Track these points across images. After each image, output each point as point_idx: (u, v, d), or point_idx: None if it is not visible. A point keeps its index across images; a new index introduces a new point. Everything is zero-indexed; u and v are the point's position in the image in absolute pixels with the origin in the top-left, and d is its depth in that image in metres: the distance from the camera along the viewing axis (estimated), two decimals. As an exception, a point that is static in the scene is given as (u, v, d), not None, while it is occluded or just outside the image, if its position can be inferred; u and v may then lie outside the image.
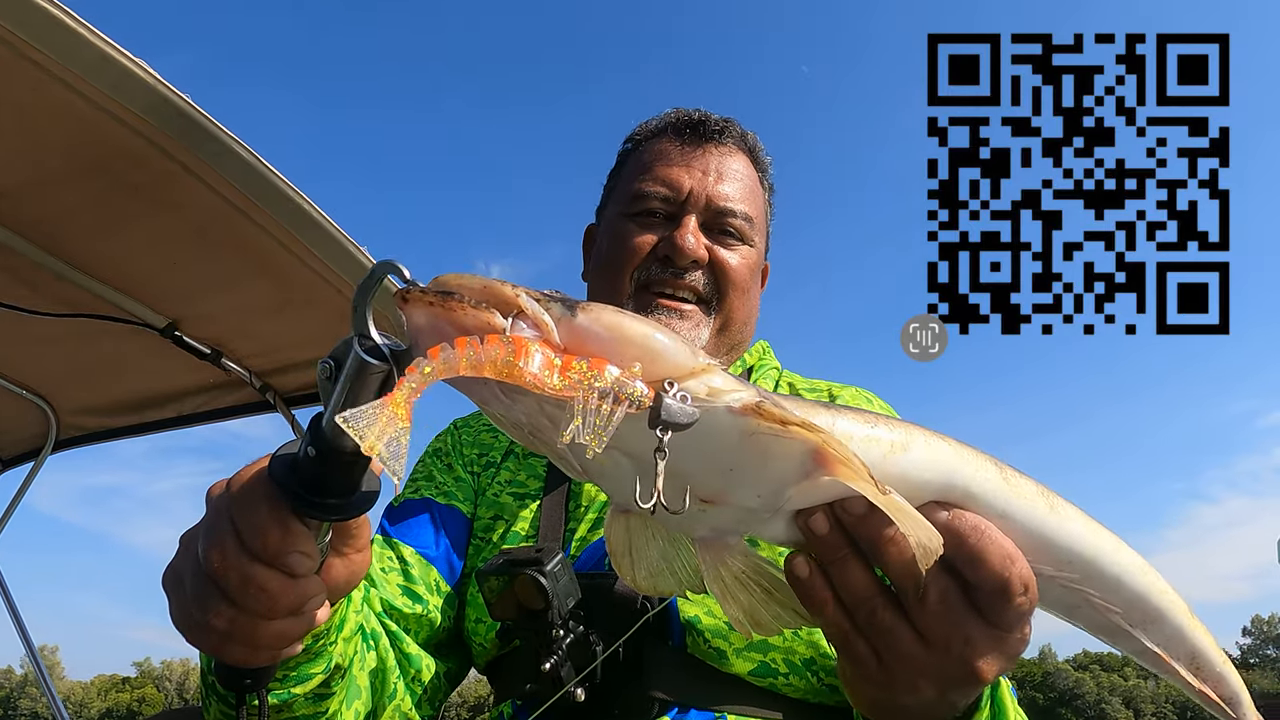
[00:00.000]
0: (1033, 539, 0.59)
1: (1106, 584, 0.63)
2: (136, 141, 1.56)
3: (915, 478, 0.57)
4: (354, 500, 0.56)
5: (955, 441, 0.60)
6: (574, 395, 0.46)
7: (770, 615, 0.61)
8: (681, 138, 1.24)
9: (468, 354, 0.45)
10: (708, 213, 1.19)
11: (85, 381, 2.70)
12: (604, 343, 0.49)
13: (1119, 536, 0.65)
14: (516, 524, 1.13)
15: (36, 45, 1.33)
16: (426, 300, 0.48)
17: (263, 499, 0.55)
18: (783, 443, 0.52)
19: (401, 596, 1.05)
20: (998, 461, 0.61)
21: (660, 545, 0.64)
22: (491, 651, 1.08)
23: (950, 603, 0.57)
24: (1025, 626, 0.59)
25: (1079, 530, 0.62)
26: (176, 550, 0.61)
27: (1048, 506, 0.61)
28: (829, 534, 0.56)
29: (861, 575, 0.57)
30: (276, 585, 0.55)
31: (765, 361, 1.31)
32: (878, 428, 0.57)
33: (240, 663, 0.60)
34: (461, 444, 1.27)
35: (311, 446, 0.53)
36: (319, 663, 0.78)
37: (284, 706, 0.78)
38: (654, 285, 1.17)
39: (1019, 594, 0.56)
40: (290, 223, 1.82)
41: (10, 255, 1.92)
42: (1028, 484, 0.61)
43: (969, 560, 0.56)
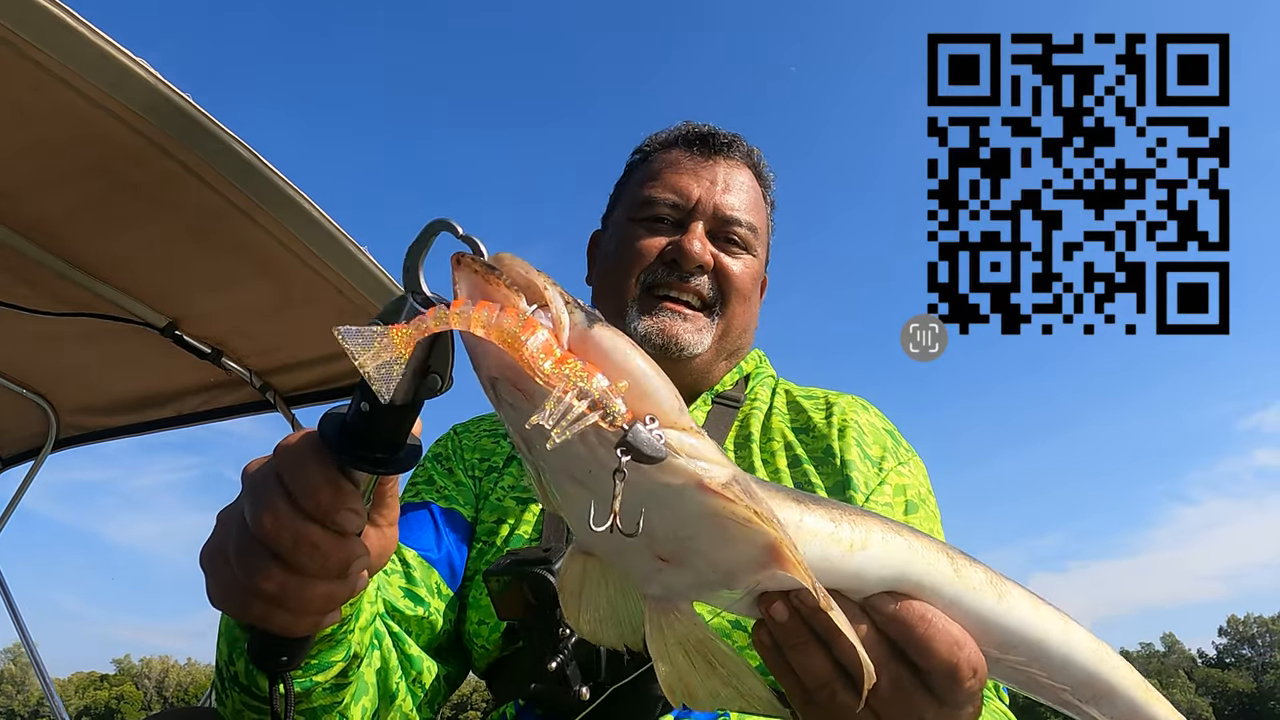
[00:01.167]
0: (980, 625, 0.63)
1: (1054, 665, 0.67)
2: (136, 140, 1.56)
3: (871, 573, 0.60)
4: (401, 456, 0.58)
5: (911, 534, 0.63)
6: (556, 384, 0.48)
7: (707, 690, 0.62)
8: (691, 149, 1.28)
9: (482, 315, 0.49)
10: (714, 221, 1.22)
11: (85, 381, 2.70)
12: (606, 361, 0.51)
13: (1069, 617, 0.68)
14: (520, 527, 1.14)
15: (36, 45, 1.33)
16: (473, 268, 0.52)
17: (312, 457, 0.57)
18: (744, 529, 0.54)
19: (404, 598, 1.06)
20: (950, 552, 0.64)
21: (610, 594, 0.65)
22: (494, 653, 1.09)
23: (903, 687, 0.60)
24: (977, 701, 0.62)
25: (1025, 615, 0.66)
26: (214, 529, 0.62)
27: (995, 595, 0.64)
28: (788, 621, 0.59)
29: (820, 660, 0.59)
30: (329, 543, 0.57)
31: (762, 369, 1.33)
32: (840, 526, 0.60)
33: (284, 630, 0.61)
34: (462, 449, 1.28)
35: (365, 402, 0.54)
36: (339, 650, 0.79)
37: (304, 696, 0.79)
38: (659, 288, 1.19)
39: (968, 677, 0.60)
40: (290, 222, 1.83)
41: (10, 255, 1.92)
42: (977, 573, 0.65)
43: (918, 648, 0.59)
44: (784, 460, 1.16)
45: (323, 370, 2.49)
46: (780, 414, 1.24)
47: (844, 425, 1.19)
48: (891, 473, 1.15)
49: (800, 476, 1.13)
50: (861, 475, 1.12)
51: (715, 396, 1.25)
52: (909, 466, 1.19)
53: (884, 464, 1.16)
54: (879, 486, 1.13)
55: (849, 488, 1.10)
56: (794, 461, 1.16)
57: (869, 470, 1.14)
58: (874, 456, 1.17)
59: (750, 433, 1.20)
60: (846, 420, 1.20)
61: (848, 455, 1.14)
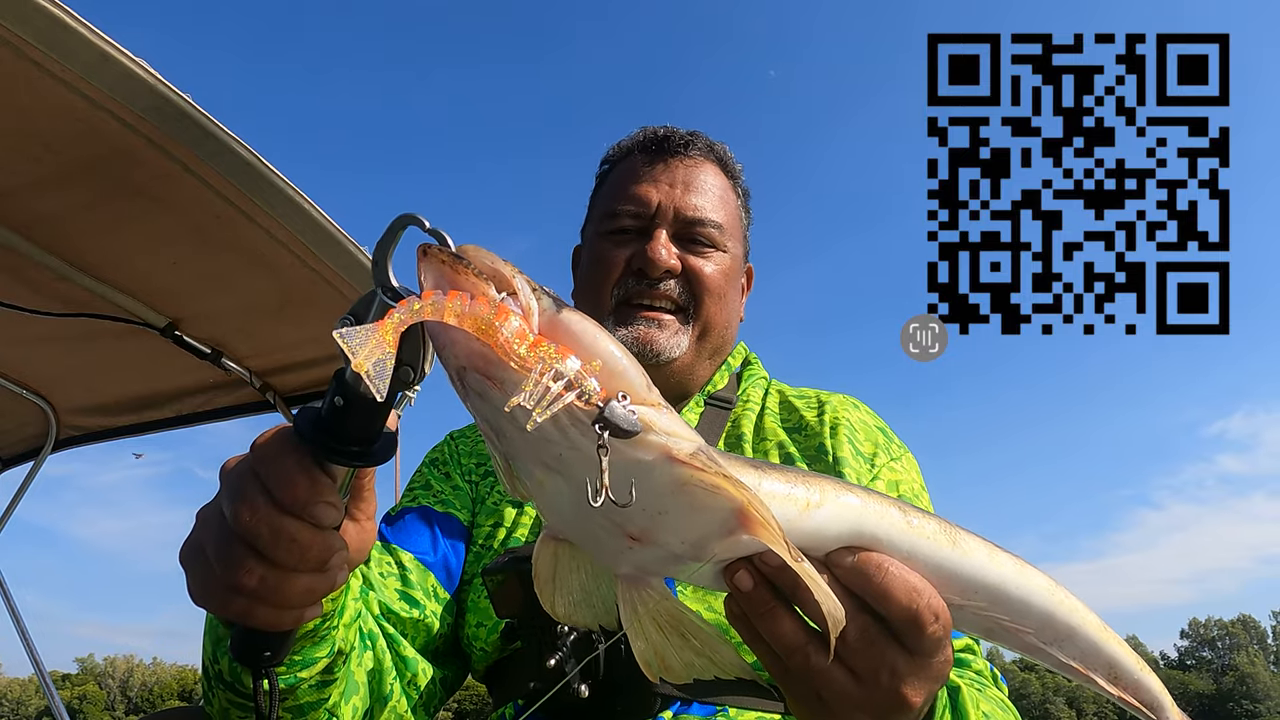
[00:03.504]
0: (938, 573, 0.64)
1: (1014, 608, 0.68)
2: (136, 141, 1.56)
3: (828, 530, 0.62)
4: (376, 449, 0.58)
5: (864, 492, 0.65)
6: (533, 367, 0.49)
7: (681, 661, 0.64)
8: (649, 154, 1.28)
9: (455, 304, 0.50)
10: (677, 224, 1.22)
11: (85, 381, 2.70)
12: (576, 344, 0.52)
13: (1024, 561, 0.70)
14: (517, 531, 1.15)
15: (37, 45, 1.33)
16: (440, 259, 0.53)
17: (289, 452, 0.57)
18: (712, 496, 0.55)
19: (399, 601, 1.06)
20: (903, 506, 0.66)
21: (582, 578, 0.67)
22: (493, 655, 1.09)
23: (871, 638, 0.61)
24: (946, 650, 0.63)
25: (982, 561, 0.67)
26: (194, 526, 0.63)
27: (949, 542, 0.66)
28: (754, 589, 0.60)
29: (790, 625, 0.60)
30: (306, 536, 0.57)
31: (753, 371, 1.33)
32: (796, 487, 0.62)
33: (267, 625, 0.61)
34: (459, 454, 1.28)
35: (339, 396, 0.55)
36: (323, 647, 0.79)
37: (290, 692, 0.80)
38: (633, 298, 1.20)
39: (930, 622, 0.60)
40: (290, 223, 1.83)
41: (10, 255, 1.92)
42: (930, 523, 0.66)
43: (877, 597, 0.60)
44: (777, 459, 1.17)
45: (323, 370, 2.49)
46: (773, 414, 1.24)
47: (836, 423, 1.19)
48: (884, 469, 1.16)
49: None
50: (854, 471, 1.13)
51: (708, 398, 1.25)
52: (901, 462, 1.19)
53: (876, 460, 1.17)
54: (872, 482, 1.14)
55: None
56: (787, 460, 1.16)
57: (861, 466, 1.15)
58: (866, 453, 1.17)
59: (742, 433, 1.21)
60: (838, 418, 1.20)
61: (840, 452, 1.15)
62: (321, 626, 0.77)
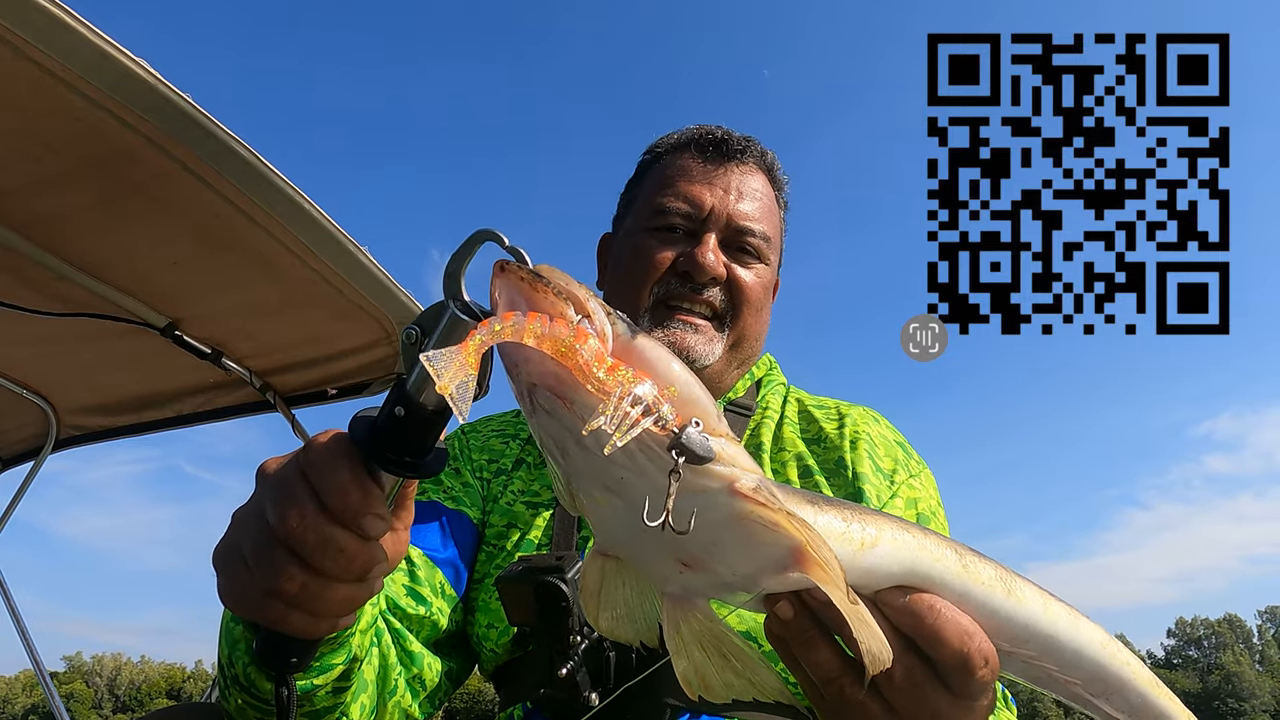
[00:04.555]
0: (989, 619, 0.63)
1: (1065, 659, 0.67)
2: (136, 141, 1.56)
3: (881, 569, 0.61)
4: (429, 460, 0.58)
5: (921, 532, 0.64)
6: (612, 391, 0.49)
7: (721, 681, 0.64)
8: (704, 155, 1.25)
9: (535, 326, 0.50)
10: (728, 231, 1.21)
11: (85, 381, 2.70)
12: (651, 369, 0.53)
13: (1078, 612, 0.69)
14: (530, 532, 1.14)
15: (37, 45, 1.33)
16: (519, 276, 0.53)
17: (344, 459, 0.57)
18: (769, 533, 0.55)
19: (406, 596, 1.06)
20: (959, 548, 0.65)
21: (627, 593, 0.67)
22: (503, 656, 1.09)
23: (916, 680, 0.60)
24: (990, 694, 0.63)
25: (1035, 610, 0.66)
26: (229, 527, 0.62)
27: (1004, 589, 0.65)
28: (794, 620, 0.59)
29: (828, 655, 0.60)
30: (354, 546, 0.57)
31: (773, 377, 1.32)
32: (852, 525, 0.61)
33: (300, 632, 0.61)
34: (470, 449, 1.27)
35: (400, 406, 0.55)
36: (341, 653, 0.78)
37: (305, 698, 0.79)
38: (672, 299, 1.18)
39: (980, 667, 0.60)
40: (291, 223, 1.82)
41: (10, 255, 1.92)
42: (986, 568, 0.65)
43: (928, 639, 0.59)
44: (794, 470, 1.16)
45: (323, 370, 2.48)
46: (791, 424, 1.23)
47: (856, 437, 1.18)
48: (903, 485, 1.15)
49: (811, 487, 1.13)
50: (874, 488, 1.12)
51: (728, 405, 1.24)
52: (920, 479, 1.19)
53: (895, 476, 1.16)
54: (891, 499, 1.13)
55: (861, 500, 1.10)
56: (805, 472, 1.16)
57: (881, 483, 1.14)
58: (886, 469, 1.17)
59: (761, 441, 1.20)
60: (859, 432, 1.19)
61: (860, 468, 1.14)
62: (342, 634, 0.77)
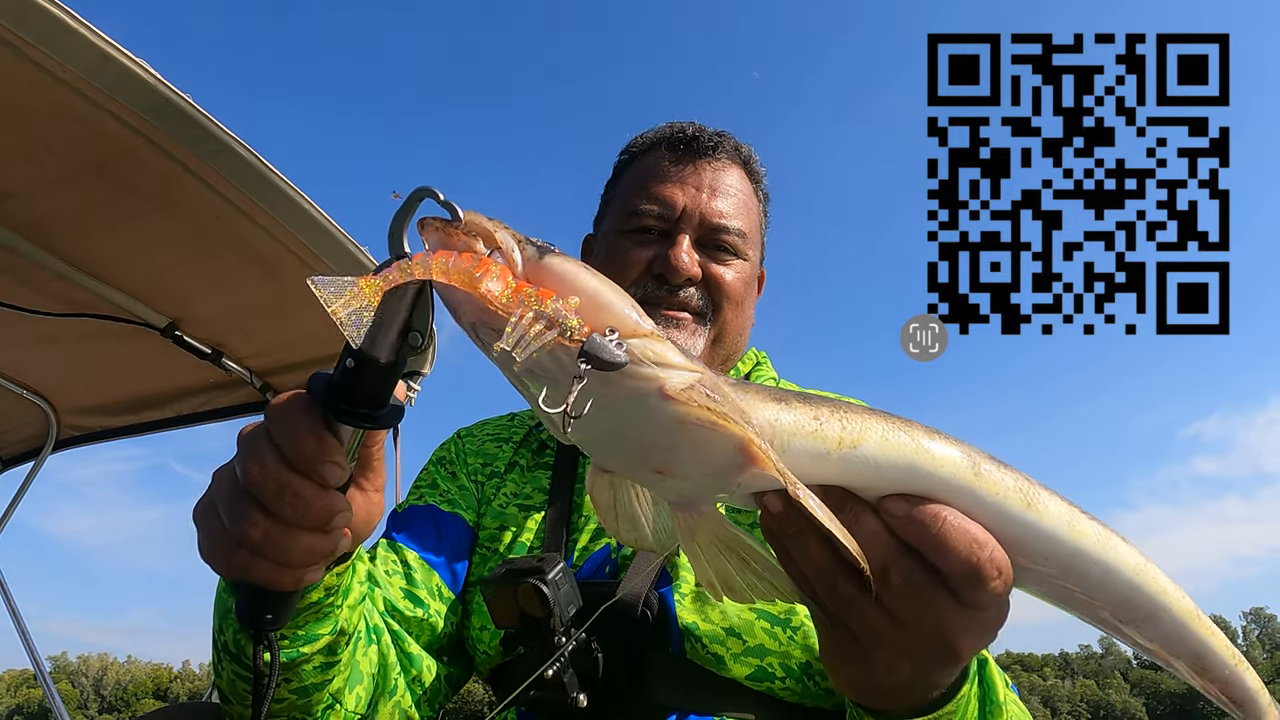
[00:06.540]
0: (1002, 532, 0.57)
1: (1090, 582, 0.60)
2: (136, 141, 1.56)
3: (869, 472, 0.57)
4: (383, 413, 0.61)
5: (926, 433, 0.58)
6: (513, 311, 0.51)
7: (744, 583, 0.62)
8: (675, 153, 1.25)
9: (439, 262, 0.53)
10: (701, 229, 1.20)
11: (85, 381, 2.70)
12: (559, 285, 0.54)
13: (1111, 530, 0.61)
14: (523, 534, 1.15)
15: (37, 45, 1.33)
16: (435, 225, 0.56)
17: (300, 411, 0.60)
18: (712, 433, 0.54)
19: (404, 599, 1.07)
20: (974, 453, 0.59)
21: (643, 505, 0.66)
22: (495, 659, 1.09)
23: (915, 584, 0.56)
24: (1004, 605, 0.58)
25: (1058, 527, 0.59)
26: (209, 485, 0.65)
27: (1023, 502, 0.58)
28: (782, 512, 0.56)
29: (818, 550, 0.57)
30: (310, 493, 0.60)
31: (762, 371, 1.32)
32: (828, 422, 0.57)
33: (267, 582, 0.63)
34: (465, 453, 1.28)
35: (351, 359, 0.58)
36: (326, 623, 0.80)
37: (293, 670, 0.80)
38: (650, 302, 1.18)
39: (993, 577, 0.55)
40: (290, 223, 1.83)
41: (10, 255, 1.92)
42: (1006, 477, 0.59)
43: (934, 549, 0.55)
44: None
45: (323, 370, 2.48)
46: None
47: None
48: None
49: None
50: None
51: None
52: None
53: None
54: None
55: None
56: None
57: None
58: None
59: None
60: None
61: None
62: (325, 602, 0.78)
